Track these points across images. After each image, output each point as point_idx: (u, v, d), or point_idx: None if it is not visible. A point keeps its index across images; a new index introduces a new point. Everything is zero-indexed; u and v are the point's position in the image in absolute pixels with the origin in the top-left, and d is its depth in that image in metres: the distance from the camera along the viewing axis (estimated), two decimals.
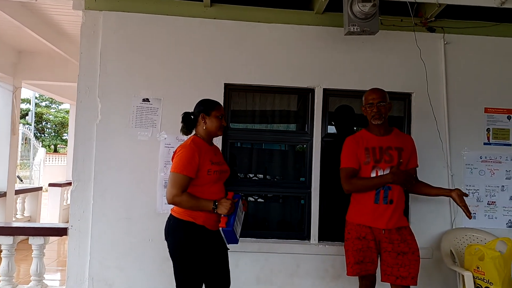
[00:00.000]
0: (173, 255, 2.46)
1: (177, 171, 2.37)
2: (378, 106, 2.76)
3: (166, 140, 3.26)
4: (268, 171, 3.69)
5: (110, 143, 3.24)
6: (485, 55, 3.49)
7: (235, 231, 2.41)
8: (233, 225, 2.39)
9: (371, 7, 2.89)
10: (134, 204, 3.23)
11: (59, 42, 5.44)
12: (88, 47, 3.28)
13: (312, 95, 3.43)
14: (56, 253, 6.04)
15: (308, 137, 3.44)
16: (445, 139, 3.41)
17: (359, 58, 3.42)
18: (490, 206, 3.45)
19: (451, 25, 3.45)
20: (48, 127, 28.35)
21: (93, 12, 3.29)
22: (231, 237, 2.43)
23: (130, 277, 3.22)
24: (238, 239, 2.47)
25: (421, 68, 3.38)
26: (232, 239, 2.44)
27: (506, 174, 3.47)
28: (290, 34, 3.40)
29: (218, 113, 2.55)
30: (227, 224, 2.38)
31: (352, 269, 2.75)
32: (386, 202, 2.69)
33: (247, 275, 3.29)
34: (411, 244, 2.71)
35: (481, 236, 3.30)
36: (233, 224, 2.40)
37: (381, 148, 2.76)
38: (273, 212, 3.70)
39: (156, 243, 3.12)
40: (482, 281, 2.89)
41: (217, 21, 3.36)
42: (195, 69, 3.33)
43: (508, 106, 3.49)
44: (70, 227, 3.22)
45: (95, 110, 3.25)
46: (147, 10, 3.32)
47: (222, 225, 2.38)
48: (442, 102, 3.43)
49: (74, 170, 3.24)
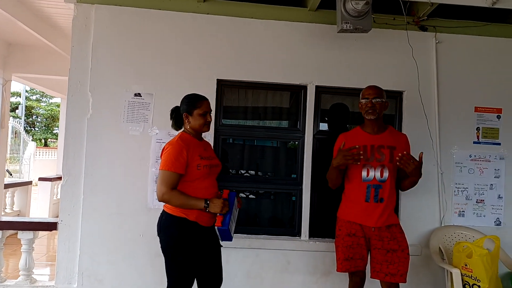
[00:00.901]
0: (165, 251, 2.45)
1: (165, 168, 2.37)
2: (373, 102, 2.77)
3: (157, 135, 3.26)
4: (260, 167, 3.70)
5: (101, 137, 3.23)
6: (476, 54, 3.52)
7: (230, 229, 2.42)
8: (228, 224, 2.40)
9: (364, 5, 2.90)
10: (125, 199, 3.22)
11: (51, 35, 5.38)
12: (79, 40, 3.26)
13: (305, 92, 3.43)
14: (45, 248, 6.00)
15: (300, 134, 3.45)
16: (436, 137, 3.43)
17: (351, 55, 3.43)
18: (478, 204, 3.49)
19: (443, 24, 3.48)
20: (38, 121, 28.10)
21: (85, 5, 3.26)
22: (226, 235, 2.44)
23: (121, 272, 3.22)
24: (232, 237, 2.48)
25: (413, 66, 3.40)
26: (227, 237, 2.46)
27: (495, 173, 3.51)
28: (283, 31, 3.40)
29: (201, 110, 2.50)
30: (223, 223, 2.39)
31: (342, 265, 2.77)
32: (377, 200, 2.72)
33: (238, 271, 3.30)
34: (400, 242, 2.73)
35: (470, 234, 3.34)
36: (229, 223, 2.41)
37: (373, 146, 2.77)
38: (264, 209, 3.72)
39: (147, 238, 3.12)
40: (470, 278, 2.93)
41: (210, 16, 3.35)
42: (188, 65, 3.31)
43: (498, 105, 3.53)
44: (60, 222, 3.21)
45: (86, 104, 3.23)
46: (140, 4, 3.30)
47: (218, 224, 2.39)
48: (433, 100, 3.45)
49: (65, 164, 3.22)
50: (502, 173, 3.50)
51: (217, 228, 2.41)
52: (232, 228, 2.49)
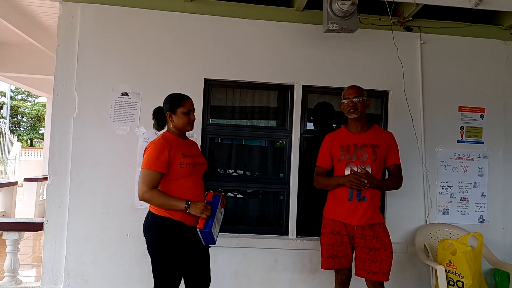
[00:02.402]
0: (151, 252, 2.44)
1: (146, 167, 2.36)
2: (354, 101, 2.80)
3: (144, 135, 3.25)
4: (247, 167, 3.70)
5: (87, 137, 3.20)
6: (460, 55, 3.58)
7: (212, 232, 2.39)
8: (211, 227, 2.37)
9: (350, 6, 2.93)
10: (111, 199, 3.20)
11: (36, 34, 5.32)
12: (65, 39, 3.23)
13: (292, 92, 3.45)
14: (31, 248, 5.92)
15: (287, 134, 3.47)
16: (421, 136, 3.48)
17: (338, 55, 3.46)
18: (462, 202, 3.55)
19: (427, 25, 3.53)
20: (24, 121, 27.72)
21: (71, 4, 3.23)
22: (209, 238, 2.40)
23: (107, 273, 3.20)
24: (215, 240, 2.45)
25: (398, 66, 3.44)
26: (209, 240, 2.42)
27: (479, 171, 3.57)
28: (270, 31, 3.42)
29: (185, 109, 2.50)
30: (205, 225, 2.37)
31: (326, 262, 2.80)
32: (359, 199, 2.74)
33: (225, 270, 3.30)
34: (383, 240, 2.76)
35: (454, 231, 3.40)
36: (211, 226, 2.37)
37: (356, 145, 2.80)
38: (252, 208, 3.73)
39: (134, 238, 3.11)
40: (454, 275, 2.97)
41: (197, 16, 3.35)
42: (175, 64, 3.31)
43: (481, 105, 3.59)
44: (45, 222, 3.18)
45: (72, 103, 3.20)
46: (126, 3, 3.28)
47: (200, 226, 2.37)
48: (418, 100, 3.50)
49: (50, 164, 3.19)
50: (486, 172, 3.57)
51: (199, 230, 2.38)
52: (216, 231, 2.45)
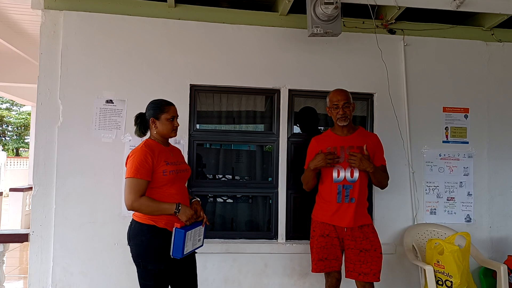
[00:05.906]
0: (136, 260, 2.41)
1: (131, 175, 2.32)
2: (344, 108, 2.81)
3: (131, 142, 3.22)
4: (236, 171, 3.69)
5: (72, 145, 3.16)
6: (443, 56, 3.63)
7: (185, 238, 2.33)
8: (186, 232, 2.32)
9: (333, 9, 2.95)
10: (98, 208, 3.16)
11: (18, 42, 5.26)
12: (48, 47, 3.19)
13: (278, 96, 3.46)
14: (18, 260, 5.82)
15: (275, 138, 3.47)
16: (406, 137, 3.51)
17: (322, 59, 3.48)
18: (449, 201, 3.58)
19: (410, 27, 3.57)
20: (9, 130, 27.35)
21: (53, 11, 3.19)
22: (179, 244, 2.33)
23: (95, 283, 3.15)
24: (183, 254, 2.36)
25: (382, 69, 3.48)
26: (178, 247, 2.33)
27: (464, 171, 3.61)
28: (255, 35, 3.42)
29: (169, 115, 2.48)
30: (183, 227, 2.33)
31: (316, 265, 2.80)
32: (348, 200, 2.76)
33: (215, 276, 3.28)
34: (373, 241, 2.77)
35: (441, 231, 3.43)
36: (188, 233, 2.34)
37: (343, 147, 2.82)
38: (241, 213, 3.71)
39: (122, 247, 3.06)
40: (442, 274, 3.00)
41: (182, 21, 3.34)
42: (160, 70, 3.29)
43: (465, 105, 3.64)
44: (31, 233, 3.12)
45: (56, 112, 3.16)
46: (110, 10, 3.26)
47: (177, 225, 2.33)
48: (402, 102, 3.53)
49: (35, 174, 3.14)
50: (471, 171, 3.61)
51: (175, 229, 2.32)
52: (188, 248, 2.39)
